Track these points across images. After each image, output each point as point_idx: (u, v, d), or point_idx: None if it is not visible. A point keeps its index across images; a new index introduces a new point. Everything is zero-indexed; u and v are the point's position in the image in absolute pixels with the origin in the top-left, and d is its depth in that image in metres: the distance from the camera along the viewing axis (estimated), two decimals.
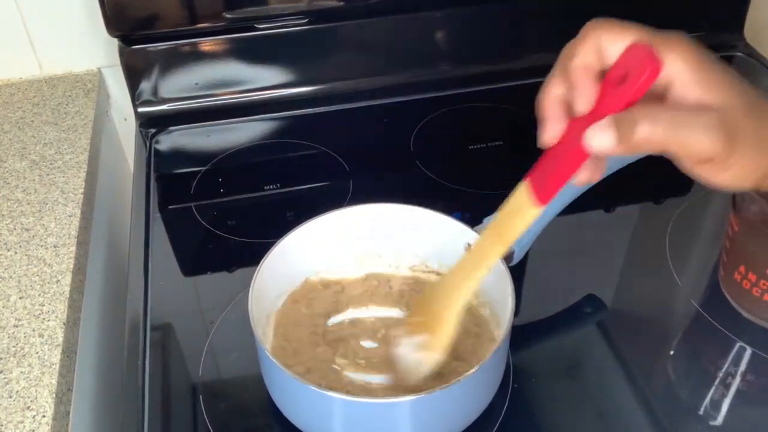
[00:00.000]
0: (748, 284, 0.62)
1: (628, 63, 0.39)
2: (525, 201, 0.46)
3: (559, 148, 0.43)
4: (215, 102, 0.93)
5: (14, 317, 0.63)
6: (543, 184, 0.45)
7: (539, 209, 0.45)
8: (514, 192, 0.47)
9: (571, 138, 0.41)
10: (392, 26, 0.93)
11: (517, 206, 0.47)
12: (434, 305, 0.55)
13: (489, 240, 0.51)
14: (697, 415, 0.58)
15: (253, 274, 0.57)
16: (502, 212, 0.48)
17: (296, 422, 0.55)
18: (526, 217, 0.46)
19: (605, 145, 0.38)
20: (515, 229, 0.47)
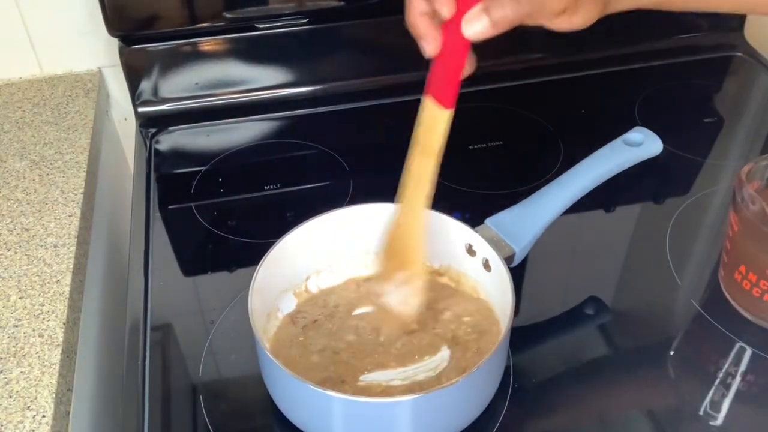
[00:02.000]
0: (748, 284, 0.62)
1: None
2: (435, 111, 0.51)
3: (443, 53, 0.49)
4: (215, 102, 0.93)
5: (14, 317, 0.63)
6: (443, 90, 0.50)
7: (449, 112, 0.51)
8: (421, 110, 0.52)
9: (449, 41, 0.48)
10: (392, 26, 0.92)
11: (430, 119, 0.52)
12: (397, 243, 0.58)
13: (418, 160, 0.55)
14: (697, 415, 0.58)
15: (253, 274, 0.57)
16: (418, 132, 0.53)
17: (296, 422, 0.55)
18: (442, 124, 0.52)
19: (481, 31, 0.46)
20: (437, 138, 0.52)
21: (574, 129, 0.87)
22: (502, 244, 0.61)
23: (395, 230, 0.58)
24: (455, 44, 0.48)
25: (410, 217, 0.57)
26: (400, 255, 0.59)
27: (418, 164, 0.55)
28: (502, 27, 0.46)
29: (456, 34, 0.47)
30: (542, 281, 0.69)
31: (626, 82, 0.96)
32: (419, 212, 0.56)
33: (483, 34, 0.46)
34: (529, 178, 0.79)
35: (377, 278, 0.62)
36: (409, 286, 0.59)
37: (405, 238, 0.58)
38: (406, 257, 0.58)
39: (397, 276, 0.59)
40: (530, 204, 0.64)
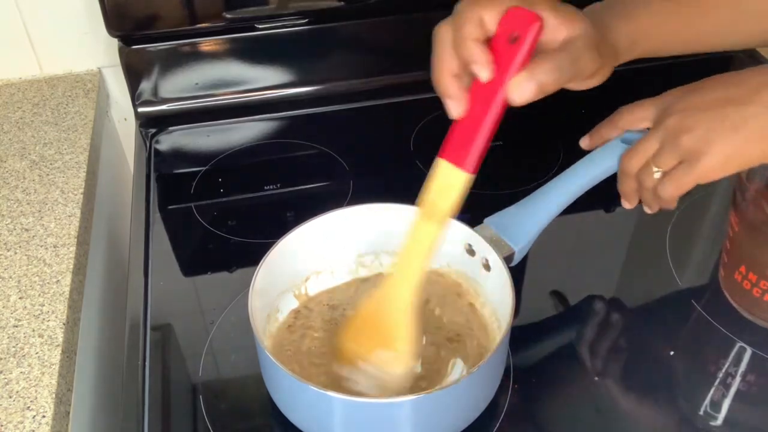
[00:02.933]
0: (748, 284, 0.62)
1: (511, 25, 0.47)
2: (452, 174, 0.49)
3: (470, 115, 0.48)
4: (215, 102, 0.93)
5: (14, 317, 0.63)
6: (465, 153, 0.49)
7: (469, 177, 0.49)
8: (433, 173, 0.50)
9: (479, 104, 0.48)
10: (392, 26, 0.93)
11: (445, 182, 0.50)
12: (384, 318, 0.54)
13: (423, 225, 0.52)
14: (697, 415, 0.58)
15: (253, 274, 0.57)
16: (429, 195, 0.50)
17: (296, 422, 0.55)
18: (457, 189, 0.49)
19: (528, 97, 0.47)
20: (450, 203, 0.50)
21: (574, 129, 0.87)
22: (501, 244, 0.61)
23: (382, 301, 0.54)
24: (486, 107, 0.48)
25: (405, 290, 0.53)
26: (381, 331, 0.54)
27: (423, 229, 0.52)
28: (545, 92, 0.47)
29: (489, 97, 0.47)
30: (542, 281, 0.69)
31: (626, 82, 0.96)
32: (413, 283, 0.52)
33: (528, 99, 0.47)
34: (528, 179, 0.79)
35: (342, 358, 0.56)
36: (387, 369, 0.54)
37: (395, 313, 0.53)
38: (390, 334, 0.53)
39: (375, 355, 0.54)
40: (529, 203, 0.64)
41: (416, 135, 0.88)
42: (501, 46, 0.47)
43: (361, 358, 0.55)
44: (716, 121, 0.52)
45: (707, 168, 0.53)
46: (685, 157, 0.54)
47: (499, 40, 0.48)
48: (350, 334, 0.56)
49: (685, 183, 0.54)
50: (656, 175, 0.57)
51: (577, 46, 0.49)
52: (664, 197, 0.56)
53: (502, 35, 0.47)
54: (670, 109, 0.56)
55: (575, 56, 0.49)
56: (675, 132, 0.54)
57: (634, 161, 0.58)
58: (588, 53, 0.50)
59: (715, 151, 0.52)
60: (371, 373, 0.54)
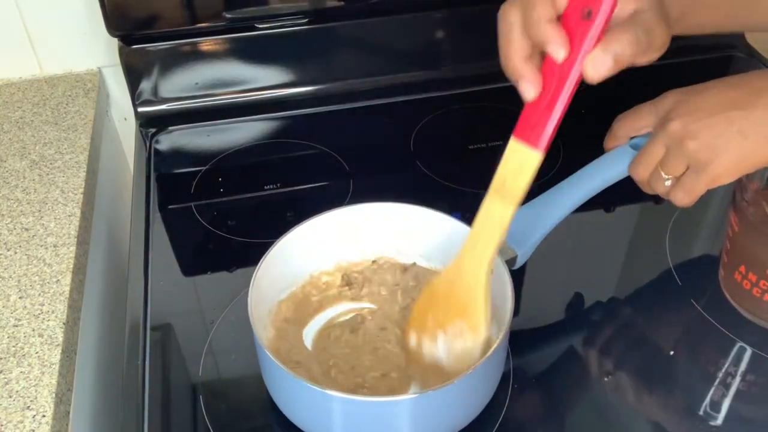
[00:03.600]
0: (748, 284, 0.62)
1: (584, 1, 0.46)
2: (525, 154, 0.49)
3: (543, 94, 0.48)
4: (215, 102, 0.93)
5: (14, 317, 0.63)
6: (538, 133, 0.48)
7: (542, 157, 0.48)
8: (508, 153, 0.50)
9: (551, 84, 0.47)
10: (392, 26, 0.93)
11: (518, 163, 0.49)
12: (458, 290, 0.54)
13: (496, 205, 0.51)
14: (697, 415, 0.58)
15: (253, 274, 0.57)
16: (501, 174, 0.50)
17: (296, 421, 0.55)
18: (531, 168, 0.49)
19: (605, 72, 0.46)
20: (523, 183, 0.50)
21: (574, 129, 0.87)
22: (504, 247, 0.61)
23: (455, 276, 0.55)
24: (560, 87, 0.47)
25: (479, 267, 0.53)
26: (458, 305, 0.55)
27: (496, 208, 0.51)
28: (621, 66, 0.47)
29: (563, 76, 0.47)
30: (542, 281, 0.69)
31: (626, 82, 0.96)
32: (488, 262, 0.53)
33: (606, 75, 0.46)
34: None
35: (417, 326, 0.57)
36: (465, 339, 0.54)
37: (468, 288, 0.54)
38: (467, 309, 0.54)
39: (453, 326, 0.55)
40: (533, 208, 0.64)
41: (416, 135, 0.88)
42: (573, 23, 0.46)
43: (440, 328, 0.55)
44: (722, 126, 0.52)
45: (717, 173, 0.53)
46: (692, 162, 0.54)
47: (571, 16, 0.46)
48: (425, 310, 0.57)
49: (696, 189, 0.55)
50: (667, 183, 0.57)
51: (648, 17, 0.48)
52: (678, 204, 0.56)
53: (574, 11, 0.46)
54: (673, 113, 0.55)
55: (648, 27, 0.48)
56: (680, 137, 0.54)
57: (641, 169, 0.58)
58: (660, 23, 0.49)
59: (723, 157, 0.52)
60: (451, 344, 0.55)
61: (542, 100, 0.48)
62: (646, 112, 0.59)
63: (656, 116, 0.58)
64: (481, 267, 0.53)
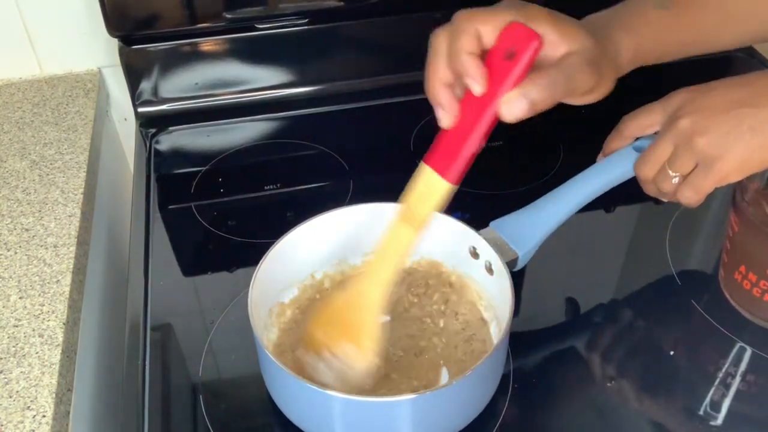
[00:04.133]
0: (748, 284, 0.62)
1: (510, 41, 0.47)
2: (435, 182, 0.49)
3: (459, 126, 0.48)
4: (215, 102, 0.93)
5: (14, 317, 0.63)
6: (450, 164, 0.49)
7: (452, 187, 0.49)
8: (417, 178, 0.50)
9: (469, 117, 0.48)
10: (392, 26, 0.93)
11: (427, 189, 0.50)
12: (353, 314, 0.54)
13: (400, 230, 0.52)
14: (697, 415, 0.58)
15: (253, 274, 0.57)
16: (409, 199, 0.51)
17: (296, 421, 0.55)
18: (438, 197, 0.50)
19: (519, 114, 0.47)
20: (428, 212, 0.50)
21: (575, 129, 0.87)
22: (505, 248, 0.61)
23: (353, 298, 0.54)
24: (476, 120, 0.48)
25: (376, 292, 0.53)
26: (349, 324, 0.54)
27: (399, 232, 0.52)
28: (539, 109, 0.47)
29: (480, 111, 0.47)
30: (542, 281, 0.69)
31: (626, 82, 0.96)
32: (386, 287, 0.53)
33: (520, 117, 0.47)
34: (528, 179, 0.79)
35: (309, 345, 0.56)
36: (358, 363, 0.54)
37: (363, 311, 0.53)
38: (357, 329, 0.54)
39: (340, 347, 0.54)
40: (535, 209, 0.64)
41: (416, 135, 0.88)
42: (497, 61, 0.47)
43: (327, 347, 0.54)
44: (732, 123, 0.52)
45: (725, 171, 0.53)
46: (700, 160, 0.54)
47: (496, 55, 0.47)
48: (319, 323, 0.56)
49: (705, 187, 0.55)
50: (674, 180, 0.56)
51: (573, 62, 0.49)
52: (685, 203, 0.56)
53: (499, 50, 0.47)
54: (681, 111, 0.55)
55: (570, 73, 0.48)
56: (689, 135, 0.54)
57: (648, 167, 0.57)
58: (585, 69, 0.49)
59: (732, 154, 0.52)
60: (334, 364, 0.54)
61: (459, 132, 0.48)
62: (654, 111, 0.58)
63: (664, 115, 0.57)
64: (377, 291, 0.53)
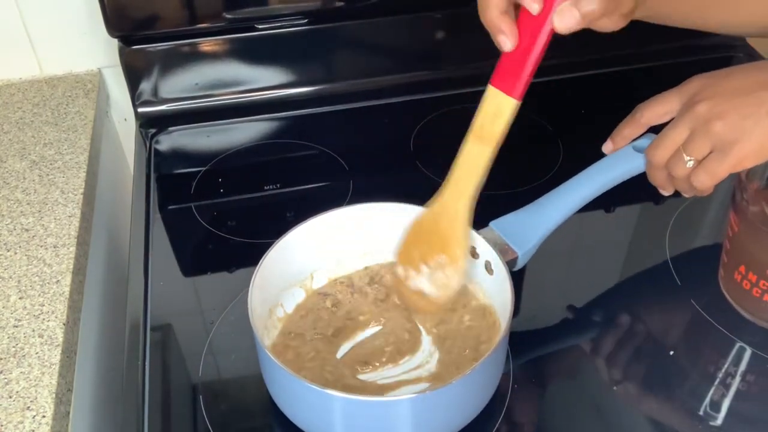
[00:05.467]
0: (748, 284, 0.62)
1: None
2: (502, 100, 0.52)
3: (519, 47, 0.50)
4: (215, 102, 0.93)
5: (14, 317, 0.63)
6: (514, 81, 0.51)
7: (517, 103, 0.52)
8: (484, 100, 0.53)
9: (528, 35, 0.50)
10: (392, 26, 0.93)
11: (495, 107, 0.52)
12: (440, 226, 0.57)
13: (475, 146, 0.54)
14: (697, 415, 0.58)
15: (253, 274, 0.57)
16: (479, 119, 0.53)
17: (297, 421, 0.55)
18: (507, 113, 0.52)
19: (572, 24, 0.48)
20: (499, 127, 0.53)
21: (574, 129, 0.87)
22: (505, 248, 0.61)
23: (438, 211, 0.57)
24: (534, 38, 0.50)
25: (459, 203, 0.56)
26: (440, 239, 0.58)
27: (475, 150, 0.54)
28: (587, 21, 0.48)
29: (537, 28, 0.49)
30: (542, 281, 0.69)
31: (627, 82, 0.96)
32: (468, 199, 0.56)
33: (573, 28, 0.48)
34: (528, 179, 0.79)
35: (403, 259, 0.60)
36: (445, 270, 0.58)
37: (449, 222, 0.57)
38: (448, 242, 0.57)
39: (434, 259, 0.58)
40: (535, 208, 0.64)
41: (416, 135, 0.88)
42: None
43: (422, 260, 0.58)
44: (751, 107, 0.52)
45: (742, 155, 0.53)
46: (717, 144, 0.53)
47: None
48: (412, 240, 0.59)
49: (720, 172, 0.54)
50: (689, 164, 0.56)
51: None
52: (698, 187, 0.56)
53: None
54: (699, 96, 0.55)
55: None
56: (706, 119, 0.53)
57: (662, 151, 0.57)
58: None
59: (750, 137, 0.52)
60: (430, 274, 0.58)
61: (518, 51, 0.50)
62: (671, 98, 0.58)
63: (680, 101, 0.57)
64: (461, 203, 0.56)
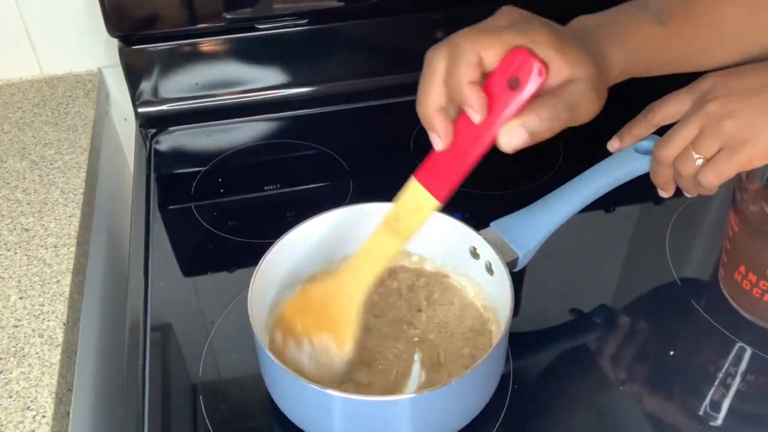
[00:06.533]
0: (748, 284, 0.62)
1: (513, 68, 0.44)
2: (423, 199, 0.49)
3: (453, 149, 0.47)
4: (215, 102, 0.93)
5: (14, 317, 0.63)
6: (441, 183, 0.48)
7: (438, 206, 0.49)
8: (406, 190, 0.50)
9: (463, 139, 0.46)
10: (392, 26, 0.93)
11: (414, 205, 0.50)
12: (332, 307, 0.55)
13: (386, 238, 0.52)
14: (697, 415, 0.58)
15: (253, 274, 0.57)
16: (396, 210, 0.51)
17: (296, 421, 0.55)
18: (425, 215, 0.49)
19: (519, 144, 0.45)
20: (415, 226, 0.50)
21: (574, 129, 0.87)
22: (506, 249, 0.61)
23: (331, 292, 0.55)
24: (470, 145, 0.46)
25: (355, 290, 0.54)
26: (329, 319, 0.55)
27: (385, 240, 0.52)
28: (538, 140, 0.45)
29: (474, 137, 0.46)
30: (542, 281, 0.69)
31: (627, 81, 0.96)
32: (365, 288, 0.53)
33: (518, 147, 0.45)
34: (528, 179, 0.79)
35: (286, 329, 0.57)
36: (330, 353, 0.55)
37: (341, 307, 0.55)
38: (337, 325, 0.55)
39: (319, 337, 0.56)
40: (536, 209, 0.64)
41: (416, 135, 0.88)
42: (498, 87, 0.44)
43: (306, 334, 0.56)
44: (763, 106, 0.51)
45: (752, 155, 0.52)
46: (727, 143, 0.53)
47: (497, 80, 0.44)
48: (299, 309, 0.57)
49: (728, 171, 0.53)
50: (697, 162, 0.55)
51: (578, 90, 0.46)
52: (705, 186, 0.55)
53: (501, 75, 0.44)
54: (710, 94, 0.54)
55: (574, 102, 0.46)
56: (717, 117, 0.53)
57: (671, 149, 0.56)
58: (589, 97, 0.47)
59: (760, 137, 0.51)
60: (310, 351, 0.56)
61: (452, 153, 0.47)
62: (682, 98, 0.57)
63: (692, 100, 0.56)
64: (358, 291, 0.54)
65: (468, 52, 0.45)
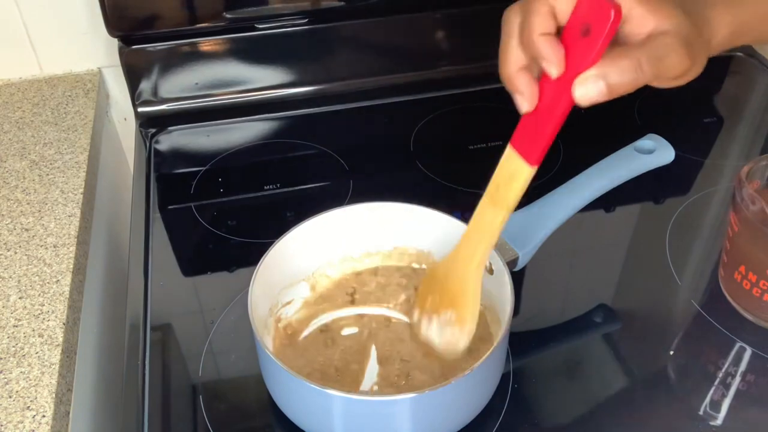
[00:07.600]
0: (748, 284, 0.62)
1: (586, 15, 0.41)
2: (518, 165, 0.48)
3: (539, 110, 0.45)
4: (215, 102, 0.93)
5: (14, 317, 0.63)
6: (531, 146, 0.47)
7: (533, 170, 0.48)
8: (503, 160, 0.49)
9: (548, 98, 0.45)
10: (392, 26, 0.93)
11: (510, 172, 0.49)
12: (450, 282, 0.56)
13: (489, 210, 0.52)
14: (697, 415, 0.58)
15: (253, 274, 0.57)
16: (495, 180, 0.50)
17: (297, 421, 0.55)
18: (522, 180, 0.48)
19: (594, 96, 0.42)
20: (514, 194, 0.49)
21: (574, 129, 0.87)
22: (506, 248, 0.61)
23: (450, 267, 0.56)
24: (555, 103, 0.44)
25: (469, 265, 0.54)
26: (449, 295, 0.57)
27: (488, 213, 0.52)
28: (617, 93, 0.42)
29: (558, 93, 0.44)
30: (542, 282, 0.69)
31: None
32: (478, 263, 0.54)
33: (595, 99, 0.42)
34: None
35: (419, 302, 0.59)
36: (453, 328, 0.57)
37: (459, 283, 0.56)
38: (456, 300, 0.56)
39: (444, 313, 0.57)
40: (536, 209, 0.64)
41: (416, 135, 0.88)
42: (573, 38, 0.42)
43: (435, 311, 0.58)
44: None
45: None
46: None
47: (571, 31, 0.42)
48: (428, 289, 0.59)
49: None
50: None
51: (665, 42, 0.43)
52: None
53: (575, 25, 0.42)
54: None
55: (660, 54, 0.43)
56: None
57: None
58: (677, 52, 0.43)
59: None
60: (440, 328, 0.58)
61: (539, 113, 0.45)
62: None
63: None
64: (470, 266, 0.55)
65: (539, 3, 0.43)
